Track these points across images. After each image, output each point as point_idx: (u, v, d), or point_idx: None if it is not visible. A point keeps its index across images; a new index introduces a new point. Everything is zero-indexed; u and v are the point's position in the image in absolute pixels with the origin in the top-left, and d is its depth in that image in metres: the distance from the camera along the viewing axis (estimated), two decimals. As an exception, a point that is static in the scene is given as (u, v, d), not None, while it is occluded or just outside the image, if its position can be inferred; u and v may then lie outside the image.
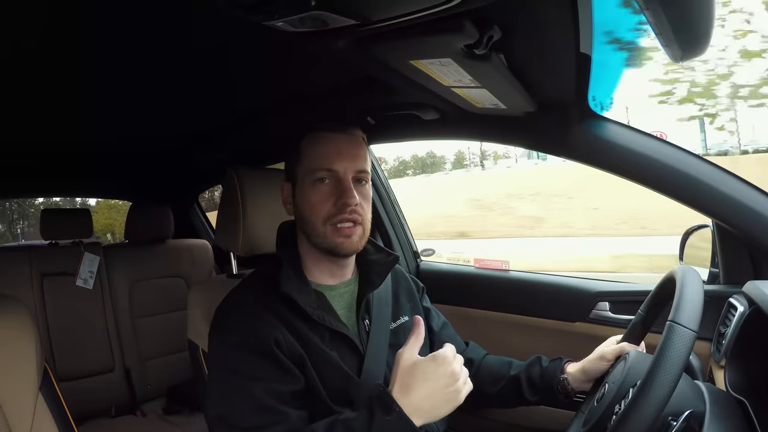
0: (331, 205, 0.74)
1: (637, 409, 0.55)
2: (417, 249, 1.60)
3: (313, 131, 0.78)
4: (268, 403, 0.66)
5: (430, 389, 0.64)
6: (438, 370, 0.65)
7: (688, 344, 0.56)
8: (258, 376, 0.68)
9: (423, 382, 0.64)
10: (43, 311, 1.61)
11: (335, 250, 0.76)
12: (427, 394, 0.64)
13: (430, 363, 0.65)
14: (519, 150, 14.54)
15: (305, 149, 0.78)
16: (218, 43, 0.80)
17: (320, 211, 0.75)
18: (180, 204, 2.14)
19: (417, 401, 0.63)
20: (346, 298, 0.83)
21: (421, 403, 0.63)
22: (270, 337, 0.69)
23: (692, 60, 0.60)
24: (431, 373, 0.65)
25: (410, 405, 0.63)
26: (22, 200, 8.80)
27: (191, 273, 1.92)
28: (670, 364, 0.55)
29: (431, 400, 0.64)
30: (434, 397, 0.64)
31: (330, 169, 0.75)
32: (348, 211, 0.74)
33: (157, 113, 1.26)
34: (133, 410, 1.73)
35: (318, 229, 0.75)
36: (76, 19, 0.67)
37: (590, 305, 1.16)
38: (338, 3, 0.52)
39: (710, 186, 0.89)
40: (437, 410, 0.65)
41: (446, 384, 0.64)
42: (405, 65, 0.73)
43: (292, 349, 0.71)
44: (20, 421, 0.66)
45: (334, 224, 0.74)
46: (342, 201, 0.74)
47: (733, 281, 0.97)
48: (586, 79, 0.79)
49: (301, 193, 0.78)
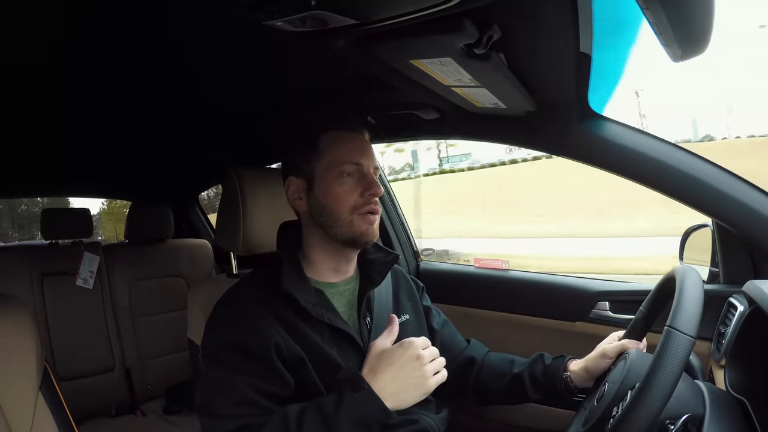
0: (357, 195, 0.78)
1: (633, 415, 0.55)
2: (417, 249, 1.60)
3: (334, 130, 0.82)
4: (251, 397, 0.67)
5: (395, 372, 0.68)
6: (404, 354, 0.69)
7: (685, 350, 0.56)
8: (246, 371, 0.69)
9: (389, 365, 0.69)
10: (43, 311, 1.61)
11: (360, 238, 0.78)
12: (393, 377, 0.68)
13: (397, 348, 0.71)
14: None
15: (327, 145, 0.80)
16: (218, 43, 0.80)
17: (347, 201, 0.78)
18: (180, 204, 2.14)
19: (383, 383, 0.67)
20: (347, 296, 0.83)
21: (387, 385, 0.67)
22: (271, 340, 0.70)
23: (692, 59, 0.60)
24: (397, 357, 0.69)
25: (377, 386, 0.67)
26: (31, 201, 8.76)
27: (191, 272, 1.91)
28: (667, 370, 0.55)
29: (396, 383, 0.67)
30: (399, 379, 0.68)
31: (357, 162, 0.79)
32: (373, 201, 0.79)
33: (158, 113, 1.26)
34: (133, 410, 1.73)
35: (343, 219, 0.78)
36: (76, 17, 0.67)
37: (590, 305, 1.16)
38: (338, 3, 0.52)
39: (710, 185, 0.89)
40: (404, 393, 0.68)
41: (412, 368, 0.68)
42: (405, 65, 0.73)
43: (292, 351, 0.71)
44: (20, 420, 0.66)
45: (360, 214, 0.78)
46: (369, 192, 0.78)
47: (733, 281, 0.97)
48: (586, 78, 0.79)
49: (322, 186, 0.79)
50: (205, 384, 0.71)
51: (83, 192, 2.23)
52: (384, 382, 0.67)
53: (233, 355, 0.70)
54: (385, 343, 0.74)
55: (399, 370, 0.68)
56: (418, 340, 0.71)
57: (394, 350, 0.71)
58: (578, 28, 0.62)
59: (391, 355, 0.70)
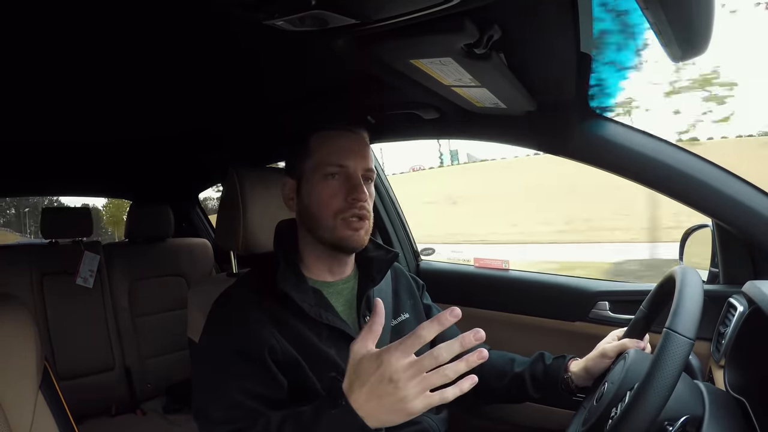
0: (341, 199, 0.75)
1: (630, 417, 0.55)
2: (417, 248, 1.60)
3: (324, 129, 0.79)
4: (244, 401, 0.66)
5: (368, 393, 0.55)
6: (376, 373, 0.54)
7: (684, 353, 0.56)
8: (240, 374, 0.68)
9: (362, 384, 0.55)
10: (43, 310, 1.61)
11: (342, 243, 0.76)
12: (366, 398, 0.55)
13: (372, 362, 0.55)
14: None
15: (316, 146, 0.78)
16: (218, 43, 0.80)
17: (330, 205, 0.75)
18: (180, 203, 2.14)
19: (360, 402, 0.55)
20: (345, 295, 0.83)
21: (363, 404, 0.55)
22: (264, 345, 0.69)
23: (692, 59, 0.60)
24: (369, 375, 0.55)
25: (355, 404, 0.55)
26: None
27: (191, 272, 1.92)
28: (665, 372, 0.55)
29: (371, 404, 0.55)
30: (372, 402, 0.54)
31: (342, 164, 0.76)
32: (358, 206, 0.75)
33: (158, 112, 1.26)
34: (133, 409, 1.74)
35: (327, 223, 0.76)
36: (76, 16, 0.67)
37: (590, 305, 1.16)
38: (338, 2, 0.52)
39: (710, 186, 0.89)
40: (383, 416, 0.55)
41: (385, 392, 0.54)
42: (405, 64, 0.72)
43: (286, 353, 0.70)
44: (20, 419, 0.66)
45: (344, 219, 0.75)
46: (353, 196, 0.75)
47: (732, 281, 0.98)
48: (587, 78, 0.79)
49: (309, 188, 0.78)
50: (199, 387, 0.71)
51: (83, 191, 2.23)
52: (360, 401, 0.55)
53: (226, 358, 0.69)
54: (364, 345, 0.58)
55: (371, 391, 0.54)
56: (397, 352, 0.54)
57: (369, 364, 0.56)
58: (578, 27, 0.62)
59: (365, 371, 0.56)
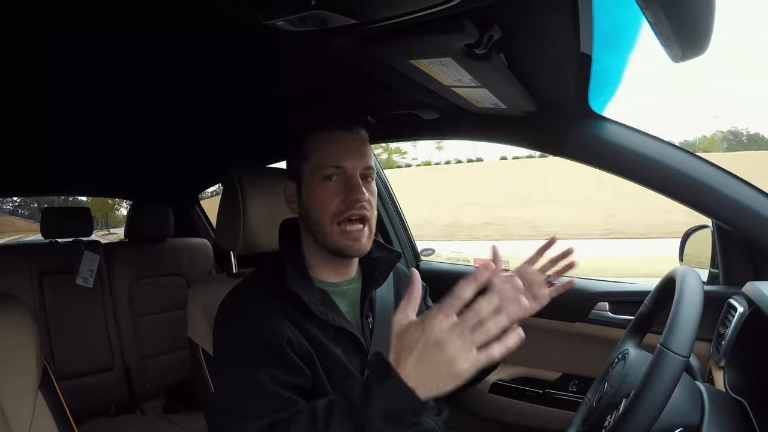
0: (339, 201, 0.74)
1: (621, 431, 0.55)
2: (417, 249, 1.60)
3: (320, 130, 0.78)
4: (276, 390, 0.65)
5: (416, 360, 0.53)
6: (421, 338, 0.53)
7: (676, 371, 0.56)
8: (266, 364, 0.66)
9: (409, 352, 0.53)
10: (43, 310, 1.61)
11: (343, 252, 0.76)
12: (414, 365, 0.53)
13: (416, 329, 0.54)
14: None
15: (312, 148, 0.77)
16: (218, 42, 0.80)
17: (328, 208, 0.74)
18: (180, 203, 2.15)
19: (407, 371, 0.53)
20: (350, 296, 0.83)
21: (410, 374, 0.53)
22: (282, 336, 0.69)
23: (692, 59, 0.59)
24: (416, 342, 0.53)
25: (404, 374, 0.53)
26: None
27: (191, 272, 1.92)
28: (657, 391, 0.55)
29: (419, 373, 0.52)
30: (421, 369, 0.52)
31: (339, 165, 0.75)
32: (357, 206, 0.73)
33: (158, 112, 1.26)
34: (133, 409, 1.74)
35: (326, 229, 0.75)
36: (77, 15, 0.67)
37: (590, 305, 1.16)
38: (338, 2, 0.52)
39: (710, 186, 0.89)
40: (432, 383, 0.53)
41: (432, 357, 0.52)
42: (405, 64, 0.72)
43: (303, 349, 0.70)
44: (20, 419, 0.66)
45: (341, 223, 0.74)
46: (351, 197, 0.73)
47: (732, 282, 0.98)
48: (586, 79, 0.79)
49: (307, 191, 0.77)
50: (225, 386, 0.68)
51: (83, 190, 2.24)
52: (409, 369, 0.53)
53: (249, 351, 0.68)
54: (405, 315, 0.57)
55: (419, 358, 0.53)
56: (440, 314, 0.53)
57: (414, 333, 0.54)
58: (578, 28, 0.62)
59: (410, 339, 0.54)
